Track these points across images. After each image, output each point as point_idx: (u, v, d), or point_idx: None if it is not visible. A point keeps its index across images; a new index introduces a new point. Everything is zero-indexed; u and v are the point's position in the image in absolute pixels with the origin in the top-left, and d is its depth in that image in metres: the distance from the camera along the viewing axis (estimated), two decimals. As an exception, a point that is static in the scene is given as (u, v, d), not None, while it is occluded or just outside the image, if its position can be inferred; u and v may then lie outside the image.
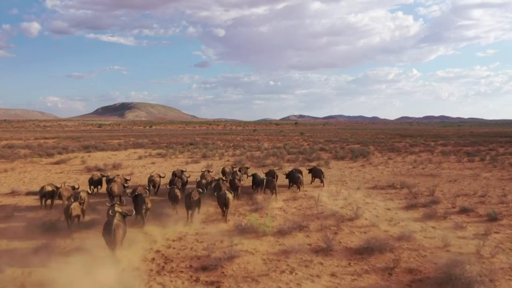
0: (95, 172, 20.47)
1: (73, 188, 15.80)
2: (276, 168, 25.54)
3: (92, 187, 18.14)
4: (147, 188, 15.81)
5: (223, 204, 13.53)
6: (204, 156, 33.87)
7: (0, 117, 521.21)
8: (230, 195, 13.70)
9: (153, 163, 29.65)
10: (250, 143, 53.90)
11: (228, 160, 31.09)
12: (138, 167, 27.43)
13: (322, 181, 20.11)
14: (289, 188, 19.04)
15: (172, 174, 19.36)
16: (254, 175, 18.39)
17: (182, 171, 19.44)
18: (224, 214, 13.68)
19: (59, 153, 34.52)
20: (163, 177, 19.19)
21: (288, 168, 24.92)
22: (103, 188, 18.07)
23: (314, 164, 27.31)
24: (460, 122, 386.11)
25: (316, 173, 20.47)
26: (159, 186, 18.13)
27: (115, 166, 26.81)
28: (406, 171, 25.70)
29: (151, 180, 17.85)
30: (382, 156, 34.68)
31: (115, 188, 15.87)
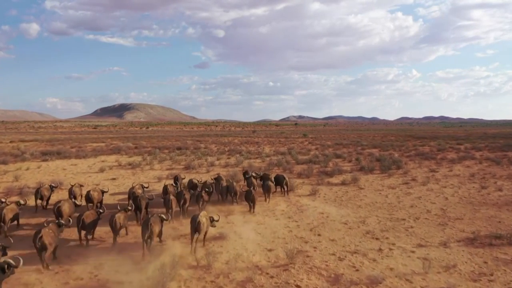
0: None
1: None
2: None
3: None
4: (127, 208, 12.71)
5: (194, 229, 10.83)
6: (188, 168, 26.55)
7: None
8: (204, 219, 11.02)
9: (113, 178, 22.33)
10: (248, 146, 46.68)
11: (218, 174, 23.97)
12: (86, 186, 20.09)
13: (285, 190, 18.22)
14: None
15: (129, 192, 15.71)
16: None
17: (143, 186, 16.55)
18: (192, 241, 10.86)
19: (3, 162, 27.15)
20: (147, 188, 17.21)
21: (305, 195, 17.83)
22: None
23: (336, 181, 20.80)
24: (460, 123, 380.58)
25: (278, 181, 18.41)
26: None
27: (55, 184, 19.40)
28: (480, 196, 17.95)
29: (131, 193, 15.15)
30: (419, 166, 27.11)
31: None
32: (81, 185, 16.60)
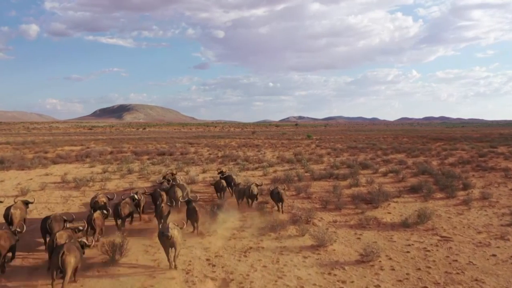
0: None
1: None
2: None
3: None
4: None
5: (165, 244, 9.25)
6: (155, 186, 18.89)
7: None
8: (175, 231, 9.23)
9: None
10: (247, 151, 39.42)
11: (202, 195, 16.74)
12: None
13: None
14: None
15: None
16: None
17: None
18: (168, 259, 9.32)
19: None
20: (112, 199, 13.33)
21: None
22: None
23: (388, 217, 13.80)
24: (461, 123, 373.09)
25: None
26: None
27: None
28: None
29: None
30: (489, 182, 19.22)
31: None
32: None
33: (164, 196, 13.89)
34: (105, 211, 11.80)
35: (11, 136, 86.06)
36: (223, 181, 16.36)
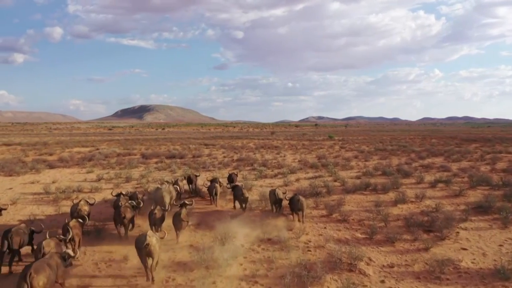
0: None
1: None
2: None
3: None
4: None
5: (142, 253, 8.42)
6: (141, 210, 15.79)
7: (23, 120, 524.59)
8: (153, 239, 8.45)
9: None
10: (265, 153, 36.15)
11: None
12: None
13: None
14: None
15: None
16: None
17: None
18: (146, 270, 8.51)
19: None
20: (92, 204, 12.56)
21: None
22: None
23: (466, 260, 9.55)
24: (486, 123, 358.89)
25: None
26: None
27: None
28: None
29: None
30: None
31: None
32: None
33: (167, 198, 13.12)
34: (80, 220, 10.54)
35: (29, 136, 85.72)
36: (216, 184, 15.10)
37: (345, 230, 12.04)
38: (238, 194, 14.03)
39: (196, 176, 17.53)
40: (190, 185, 16.86)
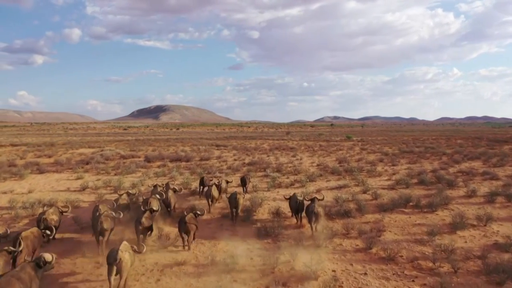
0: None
1: None
2: None
3: None
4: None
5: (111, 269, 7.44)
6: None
7: (41, 120, 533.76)
8: (125, 255, 7.62)
9: None
10: (280, 155, 33.14)
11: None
12: None
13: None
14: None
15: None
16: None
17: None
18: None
19: None
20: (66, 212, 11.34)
21: None
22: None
23: None
24: (507, 123, 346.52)
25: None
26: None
27: None
28: None
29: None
30: None
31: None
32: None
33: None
34: (48, 231, 9.43)
35: (42, 136, 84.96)
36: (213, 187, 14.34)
37: (396, 278, 8.31)
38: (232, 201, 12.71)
39: (228, 182, 16.64)
40: (202, 188, 16.00)
